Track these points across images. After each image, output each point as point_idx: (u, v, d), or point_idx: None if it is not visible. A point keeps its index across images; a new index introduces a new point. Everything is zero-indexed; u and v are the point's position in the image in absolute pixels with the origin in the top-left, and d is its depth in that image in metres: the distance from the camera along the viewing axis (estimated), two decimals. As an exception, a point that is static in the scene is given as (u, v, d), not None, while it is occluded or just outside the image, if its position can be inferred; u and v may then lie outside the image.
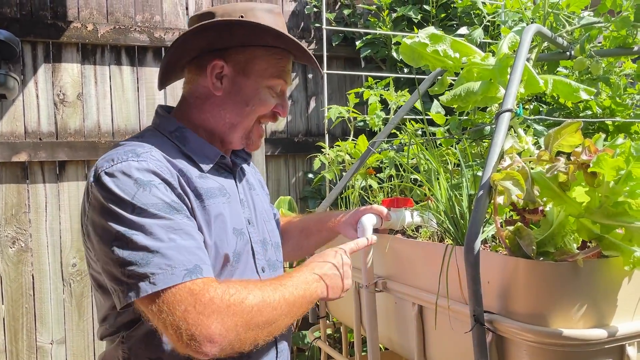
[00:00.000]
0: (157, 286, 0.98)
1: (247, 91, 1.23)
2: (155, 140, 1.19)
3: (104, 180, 1.05)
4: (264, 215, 1.38)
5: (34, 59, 2.78)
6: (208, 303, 0.98)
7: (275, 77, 1.25)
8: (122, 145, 1.15)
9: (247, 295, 1.02)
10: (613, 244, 0.86)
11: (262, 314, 1.02)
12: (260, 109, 1.25)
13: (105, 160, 1.09)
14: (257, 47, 1.24)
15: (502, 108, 1.08)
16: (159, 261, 0.99)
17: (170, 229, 1.03)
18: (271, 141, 3.30)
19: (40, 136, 2.79)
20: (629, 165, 0.82)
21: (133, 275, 0.99)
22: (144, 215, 1.02)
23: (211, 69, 1.22)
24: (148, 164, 1.08)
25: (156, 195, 1.05)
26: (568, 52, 1.57)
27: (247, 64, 1.23)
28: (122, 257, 1.00)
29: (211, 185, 1.20)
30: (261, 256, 1.29)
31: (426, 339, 1.22)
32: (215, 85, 1.23)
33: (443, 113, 1.84)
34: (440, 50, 1.28)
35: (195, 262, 1.02)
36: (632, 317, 0.92)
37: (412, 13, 3.10)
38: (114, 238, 1.02)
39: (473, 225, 0.93)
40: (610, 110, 1.62)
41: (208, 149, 1.24)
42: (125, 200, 1.03)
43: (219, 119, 1.25)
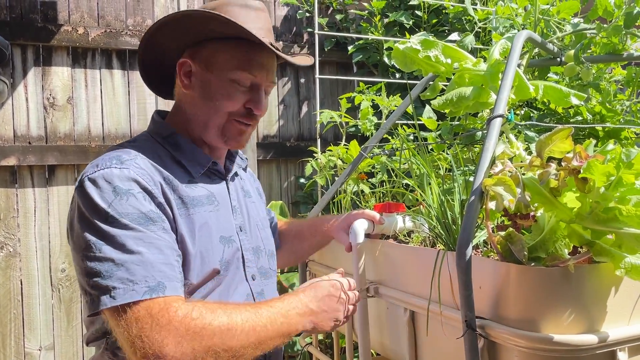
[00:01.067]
0: (117, 301, 0.97)
1: (212, 86, 1.19)
2: (147, 146, 1.18)
3: (86, 186, 1.05)
4: (258, 222, 1.36)
5: (23, 62, 2.76)
6: (165, 325, 0.95)
7: (239, 69, 1.18)
8: (112, 151, 1.15)
9: (211, 320, 0.99)
10: (604, 250, 0.86)
11: (225, 342, 0.98)
12: (226, 104, 1.19)
13: (91, 165, 1.10)
14: (219, 40, 1.19)
15: (493, 113, 1.08)
16: (122, 275, 0.98)
17: (139, 241, 1.01)
18: (263, 145, 3.30)
19: (29, 140, 2.76)
20: (619, 172, 0.83)
21: (96, 286, 0.99)
22: (115, 226, 1.01)
23: (179, 67, 1.22)
24: (129, 172, 1.07)
25: (132, 204, 1.04)
26: (559, 58, 1.59)
27: (210, 59, 1.19)
28: (89, 267, 1.00)
29: (199, 193, 1.19)
30: (252, 264, 1.27)
31: (418, 345, 1.22)
32: (184, 83, 1.22)
33: (435, 118, 1.84)
34: (432, 56, 1.28)
35: (159, 279, 1.00)
36: (623, 323, 0.92)
37: (404, 19, 3.11)
38: (85, 247, 1.02)
39: (465, 231, 0.93)
40: (600, 116, 1.63)
41: (199, 155, 1.23)
42: (100, 208, 1.02)
43: (194, 119, 1.23)
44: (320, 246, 1.54)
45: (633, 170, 0.82)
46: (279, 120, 3.41)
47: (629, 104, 1.70)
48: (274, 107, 3.39)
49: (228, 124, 1.22)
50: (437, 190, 1.23)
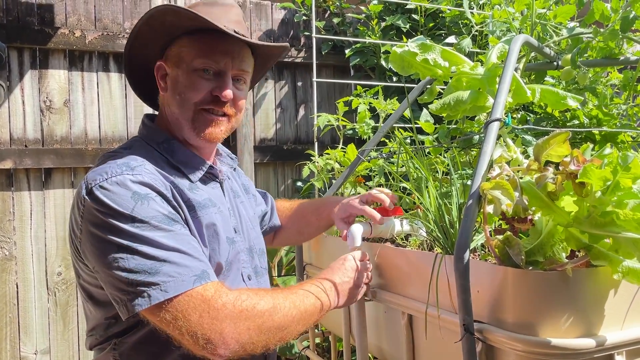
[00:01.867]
0: (169, 293, 0.99)
1: (179, 80, 1.20)
2: (144, 152, 1.18)
3: (98, 194, 1.05)
4: (249, 222, 1.38)
5: (20, 65, 2.75)
6: (221, 308, 1.01)
7: (199, 57, 1.18)
8: (113, 158, 1.14)
9: (258, 301, 1.05)
10: (601, 254, 0.86)
11: (274, 320, 1.05)
12: (191, 95, 1.19)
13: (98, 173, 1.08)
14: (182, 36, 1.21)
15: (490, 117, 1.08)
16: (167, 269, 1.01)
17: (172, 239, 1.05)
18: (260, 149, 3.29)
19: (25, 143, 2.76)
20: (616, 176, 0.83)
21: (142, 283, 1.00)
22: (145, 228, 1.03)
23: (156, 71, 1.24)
24: (143, 177, 1.08)
25: (154, 207, 1.06)
26: (555, 62, 1.59)
27: (177, 56, 1.21)
28: (129, 268, 1.01)
29: (202, 197, 1.20)
30: (247, 264, 1.30)
31: (416, 349, 1.22)
32: (162, 86, 1.24)
33: (432, 122, 1.85)
34: (430, 59, 1.28)
35: (202, 267, 1.05)
36: (620, 326, 0.92)
37: (400, 22, 3.12)
38: (116, 250, 1.02)
39: (462, 235, 0.93)
40: (597, 119, 1.64)
41: (195, 159, 1.24)
42: (124, 213, 1.03)
43: (172, 119, 1.24)
44: (325, 228, 1.57)
45: (630, 175, 0.83)
46: (276, 123, 3.41)
47: (625, 108, 1.70)
48: (271, 110, 3.39)
49: (197, 115, 1.21)
50: (435, 193, 1.23)
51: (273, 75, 3.39)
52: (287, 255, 3.10)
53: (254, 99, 3.31)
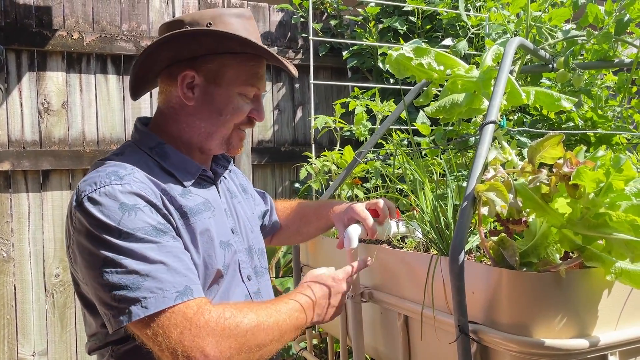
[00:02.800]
0: (149, 310, 0.98)
1: (220, 100, 1.22)
2: (136, 158, 1.18)
3: (87, 206, 1.05)
4: (247, 222, 1.38)
5: (18, 67, 2.76)
6: (203, 326, 0.99)
7: (248, 84, 1.24)
8: (104, 166, 1.13)
9: (242, 319, 1.04)
10: (594, 255, 0.87)
11: (256, 338, 1.04)
12: (235, 117, 1.24)
13: (88, 184, 1.08)
14: (226, 54, 1.22)
15: (485, 120, 1.09)
16: (149, 285, 1.00)
17: (157, 252, 1.04)
18: (258, 150, 3.30)
19: (24, 145, 2.76)
20: (609, 178, 0.84)
21: (124, 299, 0.99)
22: (131, 240, 1.03)
23: (182, 79, 1.21)
24: (132, 187, 1.08)
25: (142, 219, 1.05)
26: (550, 64, 1.60)
27: (218, 73, 1.22)
28: (112, 282, 1.00)
29: (196, 202, 1.20)
30: (247, 265, 1.30)
31: (412, 350, 1.22)
32: (187, 95, 1.22)
33: (428, 124, 1.86)
34: (424, 63, 1.29)
35: (185, 283, 1.03)
36: (614, 327, 0.93)
37: (398, 24, 3.13)
38: (102, 264, 1.02)
39: (457, 236, 0.94)
40: (592, 122, 1.65)
41: (189, 164, 1.24)
42: (111, 226, 1.03)
43: (194, 129, 1.24)
44: (325, 229, 1.57)
45: (622, 176, 0.84)
46: (273, 125, 3.42)
47: (620, 110, 1.71)
48: (268, 112, 3.40)
49: (233, 133, 1.27)
50: (431, 195, 1.24)
51: (271, 77, 3.40)
52: (284, 257, 3.10)
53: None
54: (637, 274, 0.85)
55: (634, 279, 0.85)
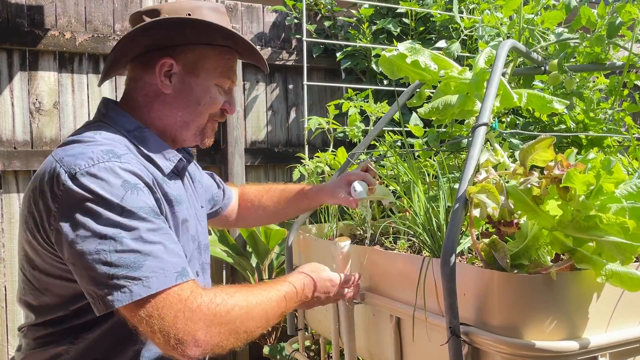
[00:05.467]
0: (152, 289, 0.97)
1: (198, 90, 1.22)
2: (117, 138, 1.14)
3: (84, 181, 0.99)
4: (196, 218, 1.34)
5: (9, 66, 2.74)
6: (196, 310, 0.99)
7: (224, 76, 1.25)
8: (90, 144, 1.08)
9: (232, 306, 1.04)
10: (585, 257, 0.88)
11: (244, 325, 1.05)
12: (211, 107, 1.25)
13: (79, 158, 1.02)
14: (206, 45, 1.23)
15: (478, 122, 1.10)
16: (151, 264, 0.98)
17: (157, 233, 1.02)
18: (251, 151, 3.29)
19: (14, 145, 2.74)
20: (599, 180, 0.84)
21: (125, 277, 0.96)
22: (133, 218, 1.00)
23: (160, 67, 1.20)
24: (132, 166, 1.05)
25: (142, 198, 1.03)
26: (543, 67, 1.61)
27: (197, 63, 1.22)
28: (110, 260, 0.97)
29: (175, 191, 1.20)
30: (196, 261, 1.29)
31: (403, 351, 1.22)
32: (164, 83, 1.20)
33: (421, 125, 1.86)
34: (421, 62, 1.29)
35: (182, 264, 1.03)
36: (604, 329, 0.93)
37: (391, 26, 3.13)
38: (99, 240, 0.98)
39: (449, 238, 0.94)
40: (583, 124, 1.66)
41: (167, 151, 1.21)
42: (112, 202, 0.99)
43: (170, 118, 1.23)
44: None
45: (613, 179, 0.84)
46: (267, 126, 3.41)
47: (611, 113, 1.72)
48: (262, 113, 3.40)
49: (208, 124, 1.28)
50: (423, 197, 1.24)
51: (264, 78, 3.40)
52: (277, 259, 3.10)
53: (245, 102, 3.32)
54: (627, 276, 0.85)
55: (625, 281, 0.85)
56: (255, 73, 3.36)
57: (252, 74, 3.33)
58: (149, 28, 1.16)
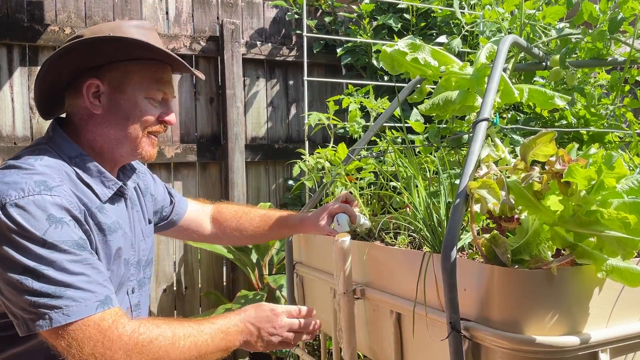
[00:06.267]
0: (71, 317, 1.01)
1: (126, 105, 1.24)
2: (57, 166, 1.17)
3: (11, 212, 1.04)
4: (141, 234, 1.39)
5: (9, 62, 2.73)
6: (116, 340, 1.02)
7: (153, 89, 1.26)
8: (27, 172, 1.11)
9: (157, 335, 1.07)
10: (586, 252, 0.87)
11: (169, 355, 1.07)
12: (142, 121, 1.26)
13: (12, 188, 1.06)
14: (129, 61, 1.24)
15: (479, 117, 1.09)
16: (72, 294, 1.03)
17: (79, 264, 1.06)
18: (251, 147, 3.29)
19: (14, 140, 2.74)
20: (601, 175, 0.84)
21: (46, 306, 1.01)
22: (55, 250, 1.04)
23: (87, 88, 1.22)
24: (61, 200, 1.09)
25: (67, 232, 1.07)
26: (544, 62, 1.60)
27: (122, 80, 1.23)
28: (33, 289, 1.02)
29: (110, 219, 1.23)
30: (134, 277, 1.33)
31: (404, 346, 1.22)
32: (93, 104, 1.23)
33: (422, 121, 1.85)
34: (420, 58, 1.29)
35: (105, 293, 1.08)
36: (605, 324, 0.93)
37: (392, 22, 3.12)
38: (23, 271, 1.02)
39: (449, 233, 0.94)
40: (585, 120, 1.65)
41: (107, 178, 1.25)
42: (35, 235, 1.03)
43: (105, 137, 1.25)
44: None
45: (614, 174, 0.84)
46: (267, 122, 3.41)
47: (612, 108, 1.72)
48: (262, 109, 3.39)
49: (144, 138, 1.27)
50: (424, 193, 1.24)
51: (265, 74, 3.39)
52: (278, 254, 3.10)
53: (245, 98, 3.31)
54: (628, 272, 0.85)
55: (625, 276, 0.85)
56: (256, 69, 3.36)
57: (252, 70, 3.33)
58: (65, 53, 1.18)
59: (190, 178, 3.15)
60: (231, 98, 3.15)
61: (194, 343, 1.10)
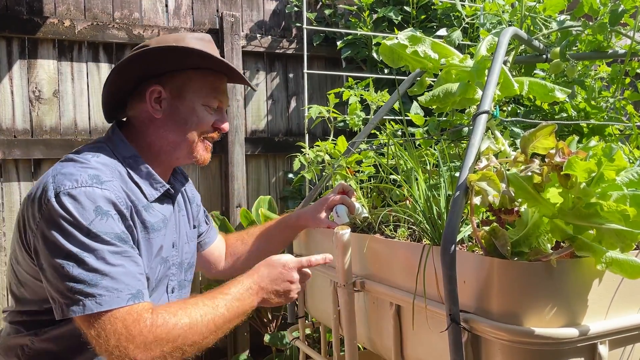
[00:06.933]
0: (103, 306, 1.08)
1: (185, 111, 1.33)
2: (111, 164, 1.26)
3: (64, 200, 1.12)
4: (185, 237, 1.47)
5: (9, 55, 2.72)
6: (137, 335, 1.09)
7: (210, 97, 1.35)
8: (83, 165, 1.20)
9: (174, 324, 1.13)
10: (585, 245, 0.88)
11: (188, 339, 1.13)
12: (199, 127, 1.35)
13: (68, 179, 1.15)
14: (190, 70, 1.34)
15: (479, 110, 1.09)
16: (106, 284, 1.10)
17: (118, 256, 1.14)
18: (251, 140, 3.29)
19: (14, 134, 2.74)
20: (601, 168, 0.84)
21: (81, 292, 1.09)
22: (97, 240, 1.12)
23: (150, 94, 1.32)
24: (110, 194, 1.17)
25: (110, 225, 1.14)
26: (544, 55, 1.60)
27: (182, 87, 1.33)
28: (72, 275, 1.09)
29: (156, 218, 1.31)
30: (175, 278, 1.41)
31: (403, 338, 1.23)
32: (155, 108, 1.32)
33: (422, 114, 1.85)
34: (420, 51, 1.29)
35: (138, 287, 1.14)
36: (604, 316, 0.93)
37: (392, 14, 3.11)
38: (65, 255, 1.10)
39: (449, 226, 0.94)
40: (585, 112, 1.65)
41: (155, 180, 1.33)
42: (82, 224, 1.11)
43: (163, 140, 1.34)
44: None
45: (614, 166, 0.84)
46: (267, 115, 3.40)
47: (613, 101, 1.72)
48: (262, 102, 3.39)
49: (199, 143, 1.37)
50: (424, 185, 1.24)
51: (264, 67, 3.38)
52: (278, 247, 3.10)
53: (245, 91, 3.30)
54: (627, 264, 0.85)
55: (625, 268, 0.85)
56: (255, 62, 3.35)
57: (252, 63, 3.32)
58: (133, 60, 1.28)
59: (190, 171, 3.16)
60: (231, 91, 3.15)
61: (211, 320, 1.16)
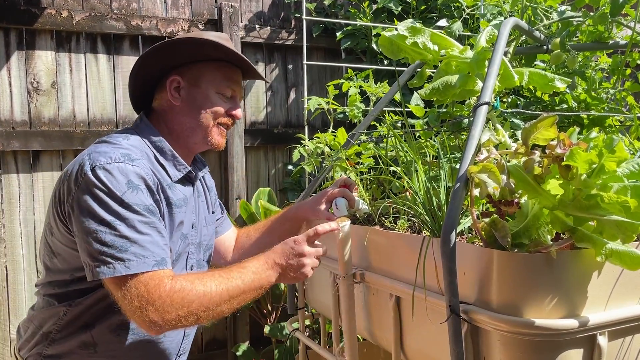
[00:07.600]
0: (130, 270, 1.19)
1: (200, 98, 1.45)
2: (140, 146, 1.39)
3: (99, 173, 1.24)
4: (204, 221, 1.59)
5: (6, 45, 2.71)
6: (157, 299, 1.20)
7: (223, 85, 1.47)
8: (116, 146, 1.32)
9: (190, 290, 1.22)
10: (585, 236, 0.88)
11: (202, 304, 1.23)
12: (213, 112, 1.46)
13: (103, 156, 1.28)
14: (205, 61, 1.46)
15: (479, 101, 1.09)
16: (135, 250, 1.21)
17: (147, 225, 1.25)
18: (251, 132, 3.28)
19: (13, 125, 2.73)
20: (602, 159, 0.84)
21: (112, 256, 1.20)
22: (129, 210, 1.23)
23: (170, 84, 1.44)
24: (140, 170, 1.29)
25: (140, 197, 1.26)
26: (545, 45, 1.59)
27: (198, 76, 1.45)
28: (104, 240, 1.20)
29: (178, 196, 1.42)
30: (194, 256, 1.51)
31: (403, 330, 1.23)
32: (174, 96, 1.45)
33: (422, 105, 1.85)
34: (419, 43, 1.28)
35: (162, 255, 1.25)
36: (603, 307, 0.94)
37: (392, 5, 3.10)
38: (99, 222, 1.21)
39: (449, 217, 0.94)
40: (585, 104, 1.65)
41: (178, 162, 1.44)
42: (115, 194, 1.23)
43: (182, 125, 1.46)
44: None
45: (615, 158, 0.84)
46: (266, 106, 3.39)
47: (613, 92, 1.71)
48: (261, 93, 3.38)
49: (214, 128, 1.48)
50: (424, 177, 1.24)
51: (264, 58, 3.37)
52: (277, 239, 3.10)
53: (244, 82, 3.29)
54: (627, 255, 0.85)
55: (625, 259, 0.85)
56: (255, 53, 3.33)
57: (251, 54, 3.30)
58: (151, 53, 1.41)
59: (189, 163, 3.15)
60: (230, 82, 3.14)
61: (225, 290, 1.25)
